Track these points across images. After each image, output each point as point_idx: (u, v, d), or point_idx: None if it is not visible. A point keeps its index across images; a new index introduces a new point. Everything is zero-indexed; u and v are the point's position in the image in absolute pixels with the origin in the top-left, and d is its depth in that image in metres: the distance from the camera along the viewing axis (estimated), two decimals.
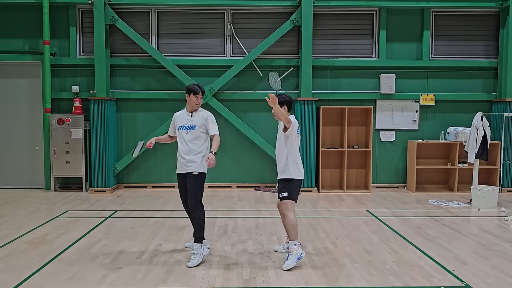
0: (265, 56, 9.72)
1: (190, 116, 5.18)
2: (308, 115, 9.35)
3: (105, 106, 9.24)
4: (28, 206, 7.91)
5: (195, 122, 5.13)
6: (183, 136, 5.12)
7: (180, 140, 5.16)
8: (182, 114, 5.27)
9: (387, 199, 8.72)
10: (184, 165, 5.08)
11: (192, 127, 5.12)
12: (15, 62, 9.66)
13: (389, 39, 9.85)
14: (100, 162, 9.25)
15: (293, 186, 4.88)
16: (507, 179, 9.57)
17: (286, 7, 9.64)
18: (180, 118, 5.23)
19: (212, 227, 6.50)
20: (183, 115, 5.23)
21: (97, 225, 6.54)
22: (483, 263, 4.95)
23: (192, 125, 5.12)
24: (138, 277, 4.50)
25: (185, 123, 5.16)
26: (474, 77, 10.00)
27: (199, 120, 5.14)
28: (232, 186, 9.89)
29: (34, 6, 9.46)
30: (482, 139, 8.25)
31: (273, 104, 4.61)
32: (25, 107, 9.76)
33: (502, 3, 9.62)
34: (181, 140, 5.14)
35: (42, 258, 5.05)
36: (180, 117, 5.25)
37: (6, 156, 9.78)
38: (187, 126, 5.13)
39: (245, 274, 4.61)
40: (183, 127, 5.15)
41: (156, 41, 9.76)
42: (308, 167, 9.33)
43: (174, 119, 5.31)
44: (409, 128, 9.96)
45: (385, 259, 5.08)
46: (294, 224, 4.81)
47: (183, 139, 5.12)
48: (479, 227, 6.58)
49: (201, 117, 5.16)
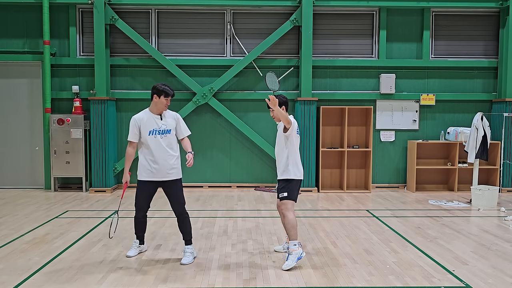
0: (265, 56, 9.72)
1: (160, 119, 4.85)
2: (308, 115, 9.35)
3: (105, 106, 9.24)
4: (28, 206, 7.92)
5: (169, 126, 4.85)
6: (159, 141, 4.79)
7: (154, 145, 4.78)
8: (149, 117, 4.84)
9: (387, 199, 8.72)
10: (163, 172, 4.82)
11: (168, 131, 4.83)
12: (15, 62, 9.66)
13: (389, 39, 9.85)
14: (100, 162, 9.25)
15: (293, 186, 4.88)
16: (507, 179, 9.57)
17: (286, 7, 9.65)
18: (149, 121, 4.81)
19: (212, 227, 6.50)
20: (151, 118, 4.82)
21: (97, 225, 6.54)
22: (483, 263, 4.95)
23: (167, 129, 4.83)
24: (138, 277, 4.49)
25: (156, 127, 4.80)
26: (474, 77, 10.01)
27: (171, 122, 4.88)
28: (232, 186, 9.89)
29: (34, 6, 9.46)
30: (482, 139, 8.25)
31: (274, 105, 4.60)
32: (25, 107, 9.77)
33: (502, 3, 9.62)
34: (155, 145, 4.78)
35: (42, 258, 5.05)
36: (148, 120, 4.81)
37: (6, 156, 9.78)
38: (160, 130, 4.81)
39: (245, 274, 4.61)
40: (155, 132, 4.79)
41: (156, 41, 9.76)
42: (308, 167, 9.34)
43: (139, 123, 4.81)
44: (409, 128, 9.96)
45: (385, 259, 5.08)
46: (294, 224, 4.81)
47: (160, 144, 4.79)
48: (479, 227, 6.58)
49: (172, 119, 4.91)
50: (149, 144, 4.80)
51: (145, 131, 4.80)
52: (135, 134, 4.83)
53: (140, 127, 4.82)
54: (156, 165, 4.82)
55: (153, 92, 4.85)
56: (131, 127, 4.84)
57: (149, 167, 4.84)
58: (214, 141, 9.84)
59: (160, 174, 4.84)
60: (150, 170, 4.85)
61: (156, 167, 4.82)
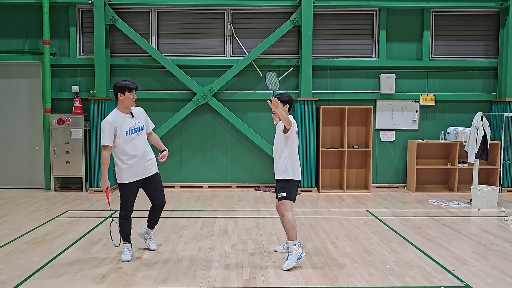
0: (265, 56, 9.72)
1: (132, 116, 4.83)
2: (308, 115, 9.35)
3: (105, 106, 9.24)
4: (28, 206, 7.92)
5: (142, 122, 4.89)
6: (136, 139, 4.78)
7: (131, 145, 4.76)
8: (122, 117, 4.76)
9: (387, 199, 8.72)
10: (143, 169, 4.86)
11: (142, 128, 4.85)
12: (15, 62, 9.66)
13: (389, 39, 9.85)
14: (100, 162, 9.23)
15: (291, 186, 4.88)
16: (507, 179, 9.57)
17: (286, 7, 9.65)
18: (123, 121, 4.75)
19: (212, 227, 6.50)
20: (124, 118, 4.76)
21: (97, 225, 6.54)
22: (483, 263, 4.95)
23: (140, 125, 4.85)
24: (138, 277, 4.50)
25: (131, 126, 4.78)
26: (474, 77, 10.01)
27: (141, 118, 4.91)
28: (232, 186, 9.89)
29: (34, 6, 9.46)
30: (482, 139, 8.25)
31: (275, 107, 4.60)
32: (25, 107, 9.77)
33: (502, 3, 9.62)
34: (133, 144, 4.77)
35: (42, 258, 5.05)
36: (122, 120, 4.75)
37: (6, 156, 9.78)
38: (135, 128, 4.80)
39: (245, 274, 4.61)
40: (132, 131, 4.77)
41: (156, 41, 9.76)
42: (308, 167, 9.34)
43: (115, 125, 4.71)
44: (409, 128, 9.96)
45: (385, 259, 5.08)
46: (293, 224, 4.81)
47: (137, 142, 4.78)
48: (479, 227, 6.58)
49: (141, 114, 4.93)
50: (127, 144, 4.75)
51: (121, 132, 4.74)
52: (110, 137, 4.71)
53: (116, 129, 4.72)
54: (135, 164, 4.81)
55: (116, 91, 4.78)
56: (107, 131, 4.68)
57: (129, 168, 4.81)
58: (214, 141, 9.84)
59: (141, 171, 4.89)
60: (130, 171, 4.82)
61: (135, 166, 4.82)
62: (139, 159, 4.82)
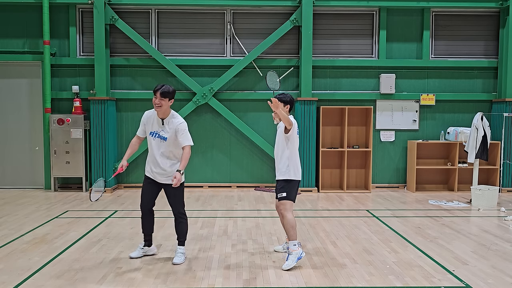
0: (265, 56, 9.72)
1: (162, 123, 4.78)
2: (308, 115, 9.35)
3: (105, 106, 9.24)
4: (28, 206, 7.92)
5: (166, 133, 4.74)
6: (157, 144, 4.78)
7: (152, 146, 4.81)
8: (154, 117, 4.80)
9: (387, 199, 8.72)
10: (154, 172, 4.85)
11: (164, 138, 4.75)
12: (15, 62, 9.66)
13: (389, 39, 9.85)
14: (100, 162, 9.25)
15: (292, 186, 4.88)
16: (507, 179, 9.57)
17: (286, 7, 9.65)
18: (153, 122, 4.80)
19: (212, 227, 6.50)
20: (155, 120, 4.79)
21: (97, 225, 6.54)
22: (483, 263, 4.95)
23: (164, 136, 4.75)
24: (138, 277, 4.50)
25: (157, 130, 4.79)
26: (474, 77, 10.01)
27: (170, 131, 4.73)
28: (232, 186, 9.89)
29: (34, 6, 9.46)
30: (482, 139, 8.25)
31: (276, 108, 4.61)
32: (25, 107, 9.76)
33: (502, 3, 9.62)
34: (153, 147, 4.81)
35: (42, 258, 5.05)
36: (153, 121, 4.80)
37: (6, 156, 9.78)
38: (158, 134, 4.78)
39: (245, 274, 4.61)
40: (155, 134, 4.79)
41: (156, 41, 9.76)
42: (308, 167, 9.34)
43: (146, 121, 4.86)
44: (409, 128, 9.96)
45: (385, 259, 5.08)
46: (293, 224, 4.81)
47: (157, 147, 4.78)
48: (479, 227, 6.58)
49: (172, 128, 4.73)
50: (149, 142, 4.90)
51: (147, 130, 4.90)
52: (142, 130, 4.94)
53: (145, 124, 4.90)
54: (149, 162, 4.91)
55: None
56: (141, 122, 4.94)
57: (147, 162, 4.97)
58: (214, 141, 9.84)
59: (150, 172, 4.92)
60: (147, 165, 4.96)
61: (149, 164, 4.92)
62: (151, 160, 4.89)
